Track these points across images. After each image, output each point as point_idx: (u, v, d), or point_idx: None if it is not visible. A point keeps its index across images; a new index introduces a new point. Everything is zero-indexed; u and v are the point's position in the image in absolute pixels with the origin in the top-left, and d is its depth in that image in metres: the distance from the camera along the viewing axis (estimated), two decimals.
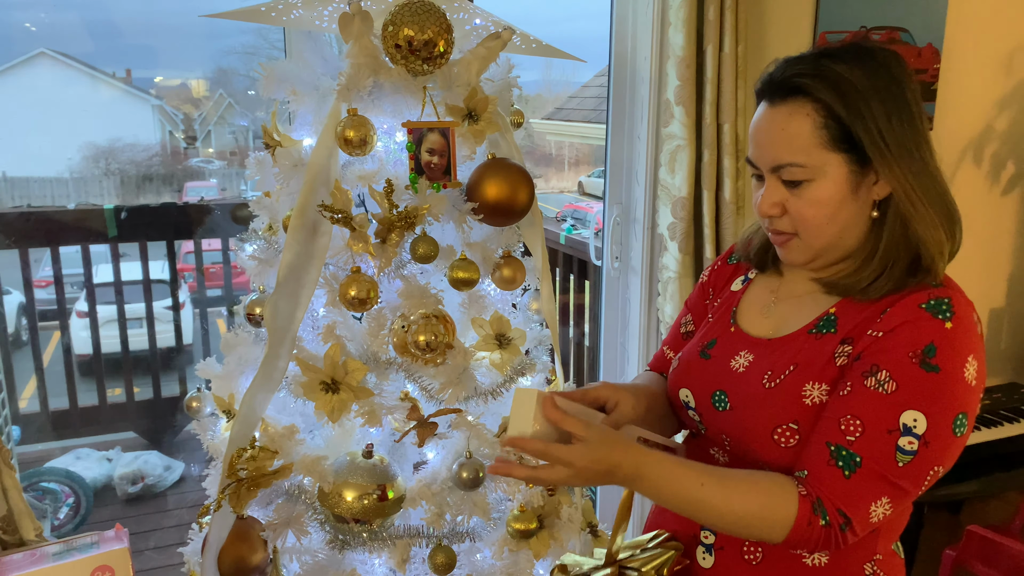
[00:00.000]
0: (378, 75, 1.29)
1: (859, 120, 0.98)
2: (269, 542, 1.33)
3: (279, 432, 1.35)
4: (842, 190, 1.00)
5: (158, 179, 11.08)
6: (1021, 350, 3.22)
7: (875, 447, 0.96)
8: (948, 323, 0.97)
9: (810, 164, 1.00)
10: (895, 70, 1.00)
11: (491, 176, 1.35)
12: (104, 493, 3.61)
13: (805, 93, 0.99)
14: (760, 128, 1.05)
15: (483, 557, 1.46)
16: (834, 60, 1.00)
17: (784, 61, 1.04)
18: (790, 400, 1.03)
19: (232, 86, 11.34)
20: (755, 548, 1.09)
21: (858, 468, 0.96)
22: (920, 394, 0.95)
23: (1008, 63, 2.84)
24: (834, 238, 1.04)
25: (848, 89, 0.98)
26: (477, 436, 1.40)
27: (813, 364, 1.04)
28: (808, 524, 0.96)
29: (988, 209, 3.00)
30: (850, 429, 0.97)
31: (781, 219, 1.05)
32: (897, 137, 0.98)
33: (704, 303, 1.31)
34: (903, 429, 0.95)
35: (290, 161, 1.35)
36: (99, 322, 3.64)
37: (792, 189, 1.02)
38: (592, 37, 2.54)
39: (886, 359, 0.97)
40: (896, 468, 0.95)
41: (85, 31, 11.26)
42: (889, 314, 1.00)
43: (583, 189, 12.01)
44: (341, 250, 1.31)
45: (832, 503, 0.96)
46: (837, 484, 0.96)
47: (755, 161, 1.06)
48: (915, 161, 0.99)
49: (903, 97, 1.00)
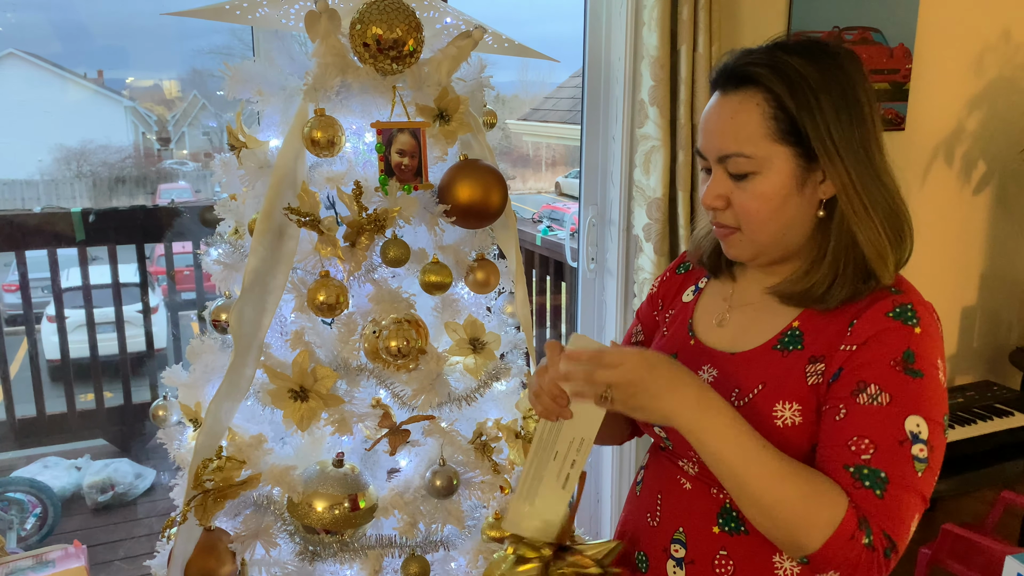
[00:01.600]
0: (346, 75, 1.27)
1: (807, 114, 0.96)
2: (237, 554, 1.30)
3: (247, 441, 1.31)
4: (787, 185, 0.99)
5: (131, 181, 10.95)
6: (993, 349, 3.26)
7: (894, 460, 0.93)
8: (917, 328, 0.97)
9: (756, 155, 0.98)
10: (849, 68, 0.99)
11: (463, 178, 1.33)
12: (73, 503, 3.54)
13: (757, 83, 0.98)
14: (709, 117, 1.04)
15: (458, 566, 1.44)
16: (789, 53, 0.99)
17: (740, 52, 1.03)
18: (760, 420, 1.01)
19: (206, 87, 11.24)
20: (727, 561, 1.06)
21: (888, 485, 0.92)
22: (915, 399, 0.94)
23: (978, 63, 2.87)
24: (777, 234, 1.02)
25: (799, 82, 0.97)
26: (451, 443, 1.38)
27: (783, 384, 1.02)
28: (851, 538, 0.90)
29: (960, 208, 3.02)
30: (862, 448, 0.94)
31: (725, 212, 1.04)
32: (845, 135, 0.97)
33: (653, 315, 1.29)
34: (912, 438, 0.93)
35: (256, 163, 1.31)
36: (68, 327, 3.57)
37: (737, 182, 1.01)
38: (566, 38, 2.53)
39: (870, 372, 0.96)
40: (918, 479, 0.93)
41: (54, 32, 11.09)
42: (857, 326, 0.98)
43: (560, 190, 12.03)
44: (309, 254, 1.28)
45: (877, 523, 0.91)
46: (873, 505, 0.92)
47: (703, 150, 1.05)
48: (861, 162, 0.98)
49: (855, 96, 0.99)
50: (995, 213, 3.09)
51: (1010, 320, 3.26)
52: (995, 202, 3.08)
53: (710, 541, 1.07)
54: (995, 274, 3.17)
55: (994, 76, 2.91)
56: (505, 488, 1.43)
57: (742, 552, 1.05)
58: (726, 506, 1.06)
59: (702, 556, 1.08)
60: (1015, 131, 3.00)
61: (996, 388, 2.88)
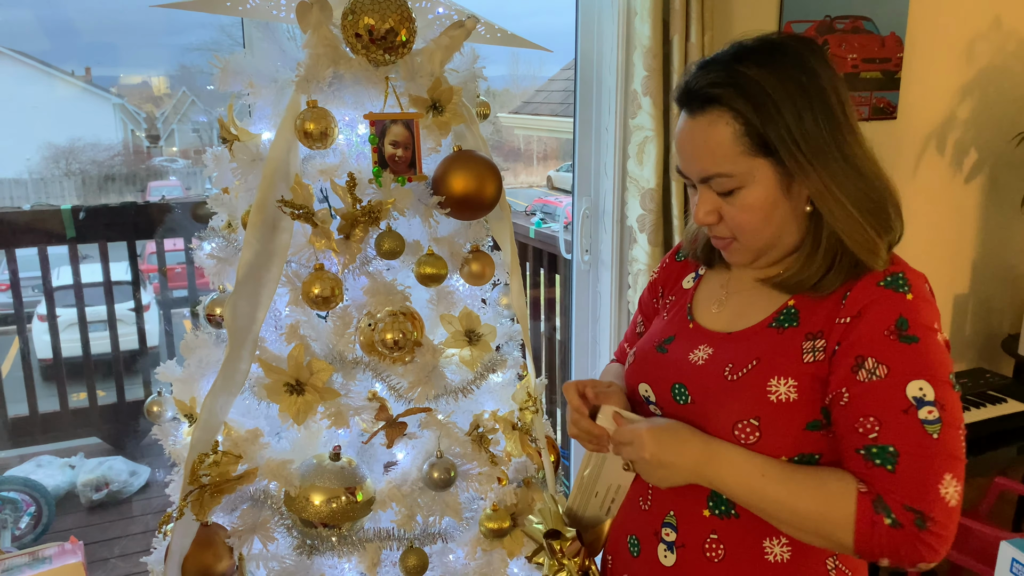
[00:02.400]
0: (338, 66, 1.25)
1: (772, 126, 0.97)
2: (234, 549, 1.29)
3: (243, 436, 1.31)
4: (773, 193, 1.00)
5: (121, 179, 10.89)
6: (985, 336, 3.27)
7: (902, 432, 0.92)
8: (908, 295, 0.97)
9: (737, 172, 0.99)
10: (808, 60, 0.99)
11: (457, 169, 1.32)
12: (67, 501, 3.52)
13: (720, 102, 0.99)
14: (683, 140, 1.04)
15: (456, 558, 1.44)
16: (745, 64, 0.98)
17: (698, 67, 1.03)
18: (753, 394, 1.02)
19: (195, 83, 11.18)
20: (717, 545, 1.07)
21: (898, 458, 0.92)
22: (913, 365, 0.94)
23: (969, 51, 2.87)
24: (773, 238, 1.04)
25: (759, 94, 0.97)
26: (448, 435, 1.37)
27: (778, 359, 1.03)
28: (872, 525, 0.91)
29: (951, 196, 3.03)
30: (868, 427, 0.94)
31: (719, 225, 1.06)
32: (811, 139, 0.97)
33: (653, 302, 1.31)
34: (916, 403, 0.92)
35: (248, 156, 1.30)
36: (60, 326, 3.55)
37: (725, 197, 1.02)
38: (557, 31, 2.52)
39: (866, 346, 0.96)
40: (935, 442, 0.91)
41: (41, 29, 11.01)
42: (850, 298, 0.99)
43: (552, 183, 12.01)
44: (303, 247, 1.27)
45: (895, 500, 0.91)
46: (888, 481, 0.92)
47: (684, 172, 1.06)
48: (832, 160, 0.98)
49: (818, 88, 0.98)
50: (987, 201, 3.10)
51: (1002, 308, 3.28)
52: (986, 190, 3.09)
53: (701, 525, 1.08)
54: (987, 262, 3.18)
55: (985, 64, 2.91)
56: (503, 479, 1.42)
57: (733, 535, 1.06)
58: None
59: (693, 539, 1.08)
60: (1006, 119, 3.01)
61: (989, 375, 2.90)
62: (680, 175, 1.08)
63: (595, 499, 1.24)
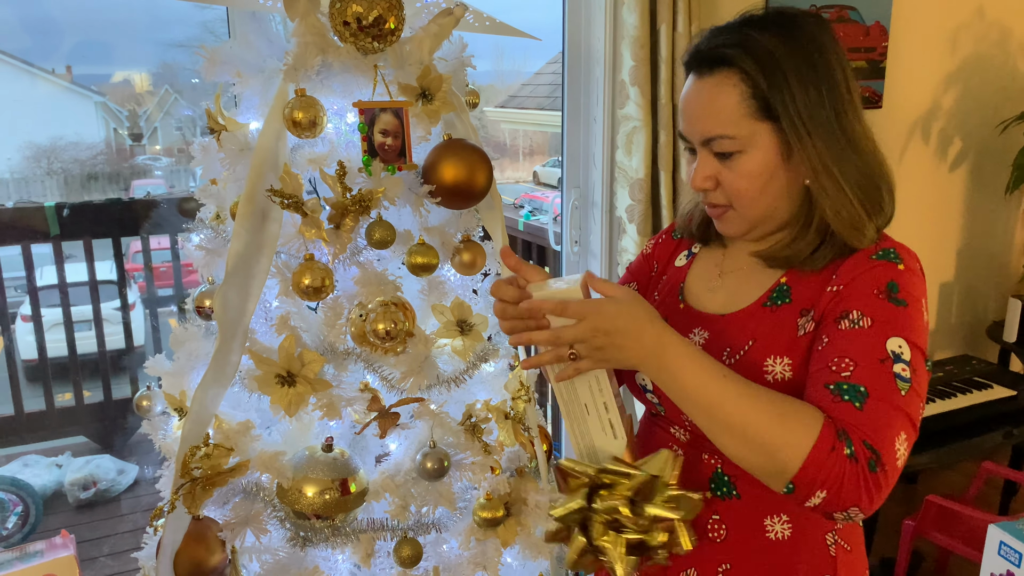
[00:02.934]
0: (326, 54, 1.25)
1: (777, 93, 0.97)
2: (227, 542, 1.29)
3: (234, 428, 1.30)
4: (773, 160, 1.00)
5: (103, 178, 10.81)
6: (971, 323, 3.30)
7: (875, 376, 0.92)
8: (900, 265, 0.99)
9: (740, 135, 0.99)
10: (819, 35, 1.00)
11: (448, 157, 1.32)
12: (55, 500, 3.50)
13: (730, 64, 0.99)
14: (689, 101, 1.04)
15: (450, 548, 1.43)
16: (757, 29, 0.99)
17: (709, 32, 1.04)
18: (752, 376, 1.02)
19: (177, 81, 11.10)
20: (719, 526, 1.08)
21: (867, 398, 0.90)
22: (897, 323, 0.95)
23: (953, 41, 2.89)
24: (768, 208, 1.04)
25: (768, 60, 0.97)
26: (440, 425, 1.37)
27: (774, 338, 1.03)
28: (831, 449, 0.87)
29: (936, 185, 3.06)
30: (843, 366, 0.93)
31: (715, 192, 1.05)
32: (814, 110, 0.98)
33: (649, 274, 1.29)
34: (893, 357, 0.93)
35: (236, 145, 1.29)
36: (45, 325, 3.52)
37: (724, 161, 1.02)
38: (543, 25, 2.52)
39: (853, 302, 0.97)
40: (901, 397, 0.91)
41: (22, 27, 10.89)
42: (842, 270, 1.00)
43: (538, 179, 12.01)
44: (293, 237, 1.26)
45: (858, 434, 0.89)
46: (854, 416, 0.89)
47: (686, 135, 1.06)
48: (834, 135, 0.98)
49: (826, 64, 0.99)
50: (971, 189, 3.13)
51: (987, 295, 3.31)
52: (971, 178, 3.12)
53: (703, 506, 1.08)
54: (972, 250, 3.21)
55: (968, 53, 2.94)
56: (496, 469, 1.42)
57: (734, 516, 1.06)
58: (718, 471, 1.07)
59: (696, 520, 1.09)
60: (990, 108, 3.04)
61: (975, 362, 2.92)
62: (681, 139, 1.08)
63: (591, 418, 1.06)
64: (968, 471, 2.73)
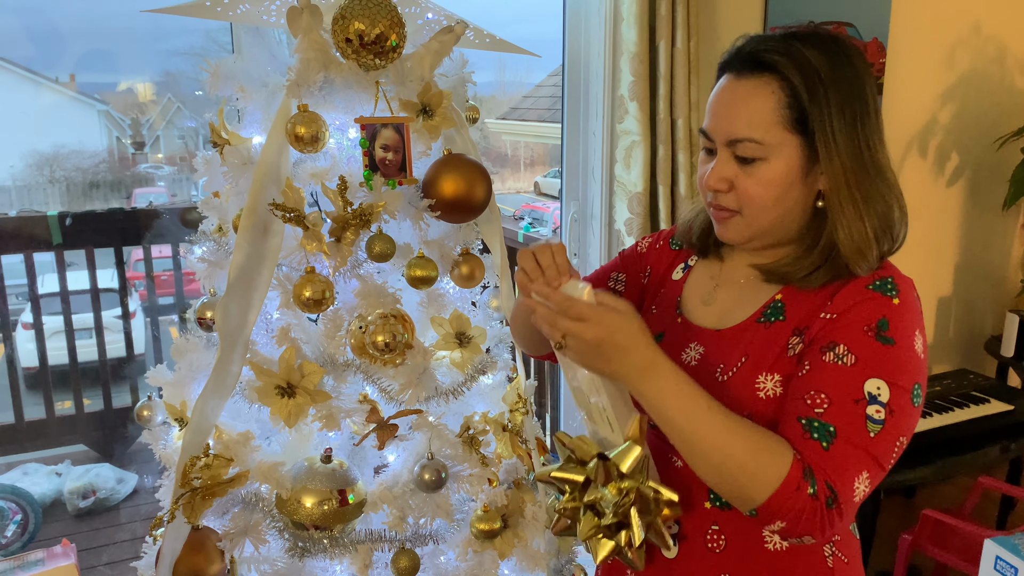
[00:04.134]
0: (328, 70, 1.27)
1: (816, 108, 0.98)
2: (226, 552, 1.29)
3: (234, 439, 1.31)
4: (792, 173, 1.01)
5: (105, 186, 10.83)
6: (968, 338, 3.31)
7: (845, 417, 0.94)
8: (895, 299, 0.99)
9: (767, 142, 0.99)
10: (857, 63, 1.01)
11: (447, 172, 1.33)
12: (54, 509, 3.49)
13: (774, 70, 0.99)
14: (722, 99, 1.04)
15: (447, 559, 1.44)
16: (804, 44, 1.00)
17: (753, 37, 1.04)
18: (744, 393, 1.03)
19: (180, 90, 11.14)
20: (718, 536, 1.08)
21: (834, 439, 0.93)
22: (880, 364, 0.96)
23: (950, 57, 2.92)
24: (776, 221, 1.04)
25: (814, 75, 0.98)
26: (438, 437, 1.38)
27: (765, 355, 1.04)
28: (796, 488, 0.91)
29: (934, 200, 3.07)
30: (817, 402, 0.96)
31: (727, 195, 1.05)
32: (847, 133, 0.99)
33: (640, 276, 1.29)
34: (869, 398, 0.94)
35: (239, 159, 1.31)
36: (46, 333, 3.52)
37: (743, 166, 1.02)
38: (544, 38, 2.54)
39: (842, 335, 0.98)
40: (869, 439, 0.94)
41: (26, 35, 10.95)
42: (838, 298, 1.01)
43: (539, 189, 12.03)
44: (294, 250, 1.28)
45: (821, 474, 0.93)
46: (818, 456, 0.93)
47: (711, 133, 1.05)
48: (860, 159, 1.00)
49: (862, 91, 1.00)
50: (969, 204, 3.14)
51: (984, 309, 3.32)
52: (968, 193, 3.13)
53: (702, 516, 1.09)
54: (969, 265, 3.22)
55: (966, 69, 2.96)
56: (493, 481, 1.43)
57: (733, 526, 1.07)
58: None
59: (695, 531, 1.10)
60: (987, 123, 3.06)
61: (972, 376, 2.93)
62: (703, 136, 1.07)
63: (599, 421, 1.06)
64: (965, 485, 2.73)
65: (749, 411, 1.02)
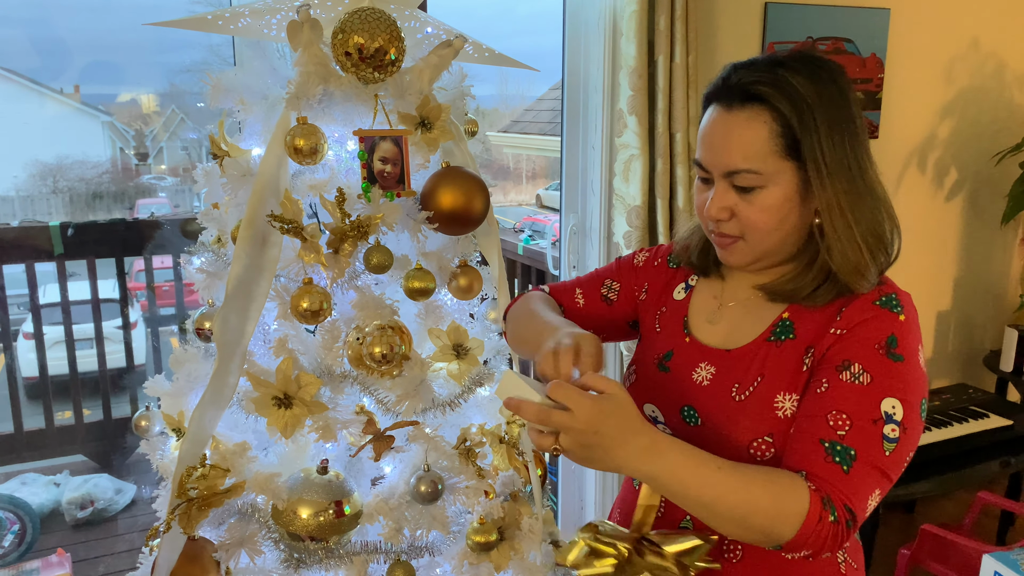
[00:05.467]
0: (328, 83, 1.28)
1: (807, 136, 0.99)
2: (222, 563, 1.29)
3: (230, 449, 1.31)
4: (792, 198, 1.02)
5: (108, 196, 10.88)
6: (968, 352, 3.31)
7: (864, 439, 0.96)
8: (901, 316, 1.01)
9: (765, 171, 1.01)
10: (841, 82, 1.03)
11: (446, 184, 1.34)
12: (52, 519, 3.49)
13: (763, 101, 1.01)
14: (715, 132, 1.05)
15: (443, 572, 1.44)
16: (788, 71, 1.01)
17: (736, 67, 1.05)
18: (763, 412, 1.04)
19: (184, 102, 11.20)
20: (735, 546, 1.09)
21: (854, 462, 0.96)
22: (893, 382, 0.98)
23: (948, 72, 2.93)
24: (778, 243, 1.06)
25: (801, 103, 0.99)
26: (435, 448, 1.38)
27: (781, 374, 1.05)
28: (819, 520, 0.93)
29: (933, 215, 3.08)
30: (839, 424, 0.97)
31: (729, 223, 1.06)
32: (837, 155, 1.00)
33: (634, 291, 1.28)
34: (885, 418, 0.97)
35: (238, 171, 1.32)
36: (47, 343, 3.53)
37: (743, 195, 1.03)
38: (544, 51, 2.56)
39: (855, 353, 0.99)
40: (884, 457, 0.96)
41: (31, 46, 11.02)
42: (846, 313, 1.02)
43: (541, 202, 12.07)
44: (292, 261, 1.28)
45: (840, 499, 0.95)
46: (839, 480, 0.95)
47: (707, 165, 1.06)
48: (851, 179, 1.01)
49: (848, 110, 1.02)
50: (967, 219, 3.15)
51: (984, 324, 3.32)
52: (967, 208, 3.14)
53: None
54: (968, 279, 3.22)
55: (964, 85, 2.97)
56: (490, 493, 1.43)
57: None
58: None
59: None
60: (985, 138, 3.07)
61: (971, 391, 2.93)
62: (698, 167, 1.08)
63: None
64: (964, 500, 2.72)
65: (771, 430, 1.03)
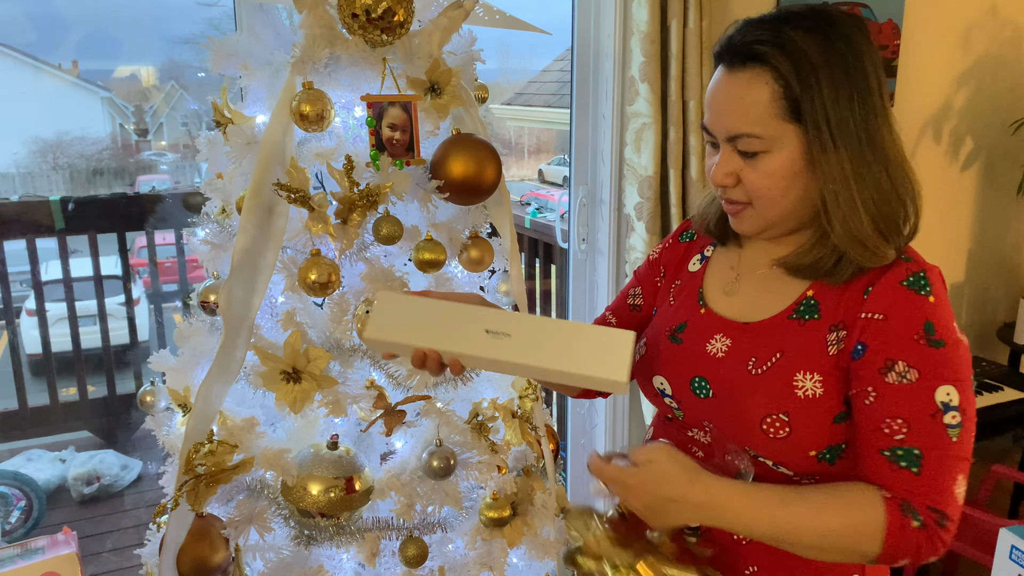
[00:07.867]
0: (334, 46, 1.23)
1: (808, 97, 0.95)
2: (231, 540, 1.27)
3: (238, 425, 1.28)
4: (798, 162, 0.98)
5: (109, 173, 10.82)
6: (981, 325, 3.27)
7: (927, 435, 0.93)
8: (931, 297, 0.96)
9: (767, 135, 0.97)
10: (855, 39, 0.97)
11: (456, 152, 1.30)
12: (58, 495, 3.49)
13: (764, 61, 0.96)
14: (717, 95, 1.01)
15: (455, 548, 1.42)
16: (794, 27, 0.96)
17: (744, 24, 1.01)
18: (780, 388, 1.00)
19: (184, 77, 11.10)
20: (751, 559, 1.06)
21: (923, 460, 0.93)
22: (942, 370, 0.94)
23: (965, 40, 2.86)
24: (787, 210, 1.02)
25: (803, 61, 0.95)
26: (447, 423, 1.35)
27: (803, 353, 1.01)
28: (901, 528, 0.91)
29: (948, 185, 3.03)
30: (895, 429, 0.94)
31: (735, 189, 1.03)
32: (843, 117, 0.95)
33: (655, 280, 1.26)
34: (943, 408, 0.94)
35: (243, 139, 1.28)
36: (50, 320, 3.51)
37: (747, 159, 1.00)
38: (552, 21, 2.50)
39: (897, 350, 0.95)
40: (953, 445, 0.93)
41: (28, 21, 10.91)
42: (873, 293, 0.98)
43: (543, 177, 11.99)
44: (299, 232, 1.24)
45: (920, 502, 0.92)
46: (912, 483, 0.93)
47: (711, 128, 1.03)
48: (858, 144, 0.96)
49: (860, 68, 0.97)
50: (983, 189, 3.10)
51: (998, 296, 3.28)
52: (983, 178, 3.08)
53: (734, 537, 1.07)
54: (982, 251, 3.18)
55: (981, 52, 2.90)
56: (502, 468, 1.41)
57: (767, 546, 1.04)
58: (742, 472, 1.05)
59: (718, 530, 1.06)
60: (1002, 107, 3.01)
61: (985, 364, 2.90)
62: (704, 131, 1.05)
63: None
64: (978, 474, 2.70)
65: (787, 408, 0.99)
